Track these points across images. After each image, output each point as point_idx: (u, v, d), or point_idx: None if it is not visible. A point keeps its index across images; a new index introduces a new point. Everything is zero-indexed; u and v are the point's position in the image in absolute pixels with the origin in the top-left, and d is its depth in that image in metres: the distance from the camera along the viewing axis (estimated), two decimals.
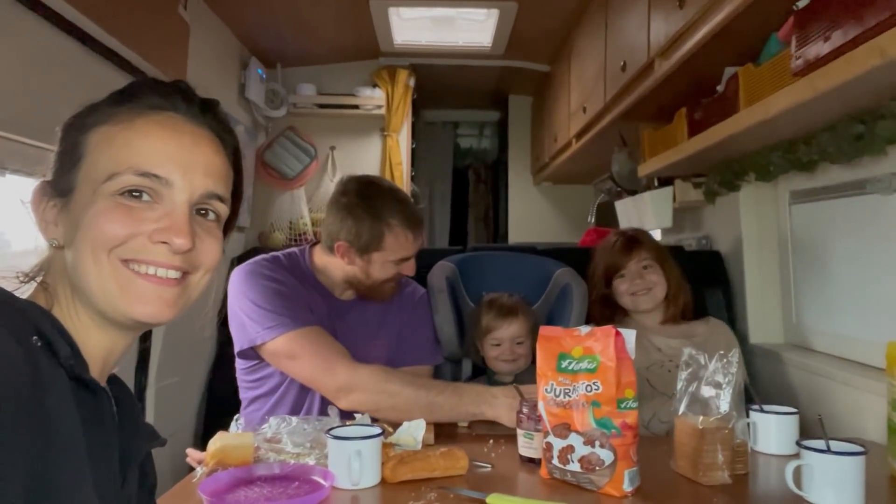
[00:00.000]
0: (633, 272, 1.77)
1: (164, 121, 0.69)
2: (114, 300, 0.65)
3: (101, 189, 0.65)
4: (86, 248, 0.64)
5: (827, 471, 1.04)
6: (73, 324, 0.66)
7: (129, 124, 0.67)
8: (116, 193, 0.65)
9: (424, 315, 1.74)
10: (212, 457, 1.16)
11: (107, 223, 0.64)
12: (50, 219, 0.68)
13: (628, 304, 1.79)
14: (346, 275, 1.57)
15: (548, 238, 4.00)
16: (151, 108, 0.69)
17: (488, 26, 3.10)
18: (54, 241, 0.67)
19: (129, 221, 0.65)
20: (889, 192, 1.49)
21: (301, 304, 1.48)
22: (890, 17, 1.04)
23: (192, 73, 2.27)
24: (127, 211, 0.65)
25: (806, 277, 1.92)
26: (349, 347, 1.49)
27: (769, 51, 1.53)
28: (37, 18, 1.42)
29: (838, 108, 1.41)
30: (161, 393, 2.12)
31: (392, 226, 1.51)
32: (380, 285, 1.57)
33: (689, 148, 1.91)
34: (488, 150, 5.36)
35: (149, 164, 0.66)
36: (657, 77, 1.88)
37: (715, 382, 1.17)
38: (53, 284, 0.67)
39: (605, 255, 1.83)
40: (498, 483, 1.14)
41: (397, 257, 1.53)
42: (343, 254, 1.53)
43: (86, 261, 0.64)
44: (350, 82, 3.61)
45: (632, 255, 1.77)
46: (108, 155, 0.66)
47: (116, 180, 0.65)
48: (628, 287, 1.77)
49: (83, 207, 0.65)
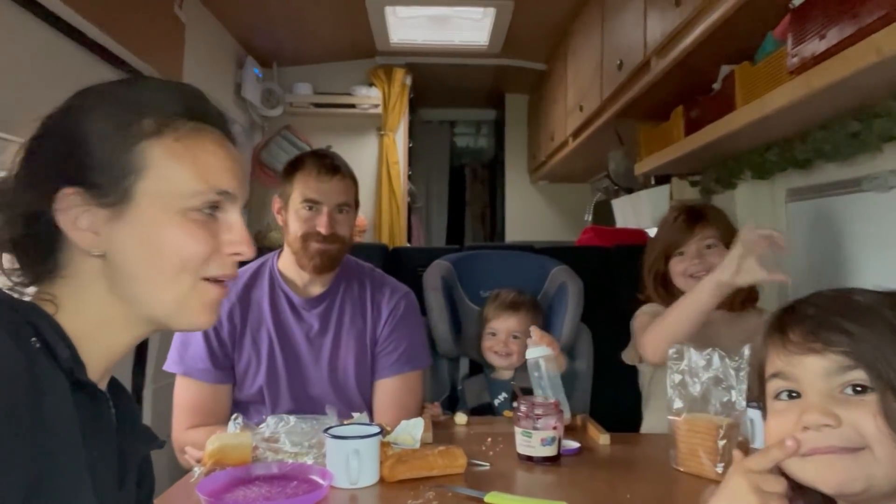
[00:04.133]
0: (693, 251, 1.59)
1: (216, 138, 0.71)
2: (184, 311, 0.67)
3: (173, 205, 0.66)
4: (161, 266, 0.65)
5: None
6: (80, 327, 0.65)
7: (194, 141, 0.68)
8: (192, 210, 0.66)
9: (407, 315, 1.62)
10: (210, 457, 1.16)
11: (192, 243, 0.66)
12: (85, 226, 0.64)
13: (684, 286, 1.58)
14: (288, 247, 1.56)
15: (545, 237, 4.01)
16: (202, 121, 0.69)
17: (485, 25, 3.10)
18: (96, 250, 0.64)
19: (208, 239, 0.67)
20: (885, 190, 1.49)
21: (209, 349, 1.50)
22: (886, 15, 1.04)
23: (188, 72, 2.27)
24: (205, 228, 0.67)
25: (803, 275, 1.93)
26: (309, 343, 1.53)
27: (765, 49, 1.54)
28: (32, 18, 1.42)
29: (834, 106, 1.42)
30: (158, 394, 2.12)
31: (303, 165, 1.54)
32: (302, 244, 1.50)
33: (685, 146, 1.91)
34: (485, 148, 5.36)
35: (223, 183, 0.68)
36: (654, 75, 1.88)
37: (728, 384, 1.18)
38: (61, 287, 0.66)
39: (666, 231, 1.66)
40: (496, 481, 1.14)
41: (303, 198, 1.50)
42: (279, 210, 1.57)
43: (161, 278, 0.65)
44: (346, 81, 3.61)
45: (694, 232, 1.59)
46: (181, 172, 0.66)
47: (197, 198, 0.66)
48: (686, 267, 1.58)
49: (149, 223, 0.65)
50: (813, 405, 0.67)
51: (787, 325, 0.72)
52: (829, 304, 0.71)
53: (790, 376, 0.70)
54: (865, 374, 0.66)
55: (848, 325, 0.68)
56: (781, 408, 0.71)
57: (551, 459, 1.24)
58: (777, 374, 0.72)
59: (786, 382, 0.71)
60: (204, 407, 1.49)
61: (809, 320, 0.70)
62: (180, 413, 1.49)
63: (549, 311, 1.87)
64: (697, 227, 1.61)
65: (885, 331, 0.67)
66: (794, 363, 0.70)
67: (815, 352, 0.68)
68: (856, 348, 0.67)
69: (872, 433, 0.65)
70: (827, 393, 0.68)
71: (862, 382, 0.67)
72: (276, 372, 1.52)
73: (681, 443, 1.20)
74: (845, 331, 0.67)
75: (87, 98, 0.67)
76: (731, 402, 1.18)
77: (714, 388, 1.20)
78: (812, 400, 0.68)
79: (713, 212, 1.67)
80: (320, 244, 1.49)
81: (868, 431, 0.65)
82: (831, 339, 0.68)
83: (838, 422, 0.66)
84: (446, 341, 1.80)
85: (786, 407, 0.71)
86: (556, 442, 1.25)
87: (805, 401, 0.69)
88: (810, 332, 0.69)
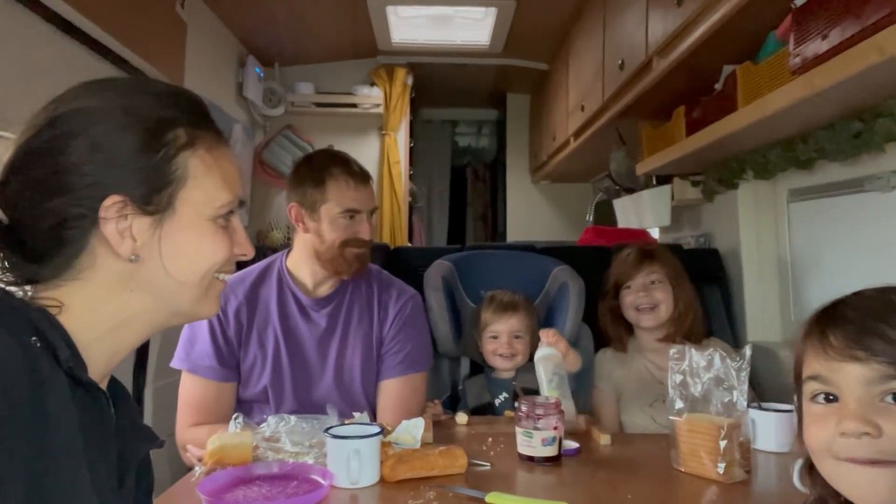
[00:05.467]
0: (639, 285, 1.74)
1: (227, 147, 0.76)
2: (201, 303, 0.73)
3: (206, 213, 0.71)
4: (195, 268, 0.71)
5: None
6: (84, 327, 0.65)
7: (219, 152, 0.73)
8: (219, 217, 0.72)
9: (413, 316, 1.63)
10: (210, 456, 1.16)
11: (222, 248, 0.73)
12: (130, 234, 0.66)
13: (632, 317, 1.76)
14: (308, 252, 1.54)
15: (546, 237, 4.00)
16: (209, 131, 0.73)
17: (486, 25, 3.10)
18: (132, 256, 0.67)
19: (228, 245, 0.74)
20: (887, 190, 1.49)
21: (215, 347, 1.50)
22: (888, 15, 1.04)
23: (190, 71, 2.27)
24: (225, 233, 0.74)
25: (804, 275, 1.92)
26: (316, 343, 1.53)
27: (767, 49, 1.53)
28: (34, 16, 1.42)
29: (836, 106, 1.42)
30: (158, 393, 2.12)
31: (333, 174, 1.51)
32: (340, 251, 1.51)
33: (687, 146, 1.91)
34: (486, 148, 5.36)
35: (240, 190, 0.76)
36: (655, 75, 1.88)
37: (729, 384, 1.18)
38: (74, 289, 0.65)
39: (618, 266, 1.81)
40: (497, 481, 1.14)
41: (343, 208, 1.50)
42: (297, 218, 1.54)
43: (192, 278, 0.71)
44: (348, 81, 3.61)
45: (642, 268, 1.75)
46: (214, 183, 0.72)
47: (226, 207, 0.73)
48: (633, 300, 1.74)
49: (186, 229, 0.70)
50: (852, 413, 0.65)
51: (828, 327, 0.69)
52: (873, 307, 0.68)
53: (829, 381, 0.68)
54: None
55: (892, 333, 0.65)
56: (819, 412, 0.69)
57: (552, 459, 1.24)
58: (815, 377, 0.69)
59: (824, 386, 0.69)
60: (208, 405, 1.49)
61: (851, 325, 0.68)
62: (184, 410, 1.49)
63: (551, 311, 1.87)
64: (645, 264, 1.76)
65: None
66: (835, 369, 0.67)
67: (858, 360, 0.66)
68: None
69: None
70: (867, 401, 0.65)
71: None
72: (281, 371, 1.52)
73: (682, 443, 1.20)
74: (889, 339, 0.65)
75: (106, 99, 0.67)
76: (733, 402, 1.18)
77: (715, 388, 1.20)
78: (851, 407, 0.66)
79: (662, 251, 1.83)
80: (360, 249, 1.53)
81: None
82: (874, 348, 0.65)
83: (879, 431, 0.63)
84: (447, 341, 1.79)
85: (824, 412, 0.68)
86: (557, 442, 1.25)
87: (843, 407, 0.67)
88: (853, 339, 0.66)
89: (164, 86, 0.74)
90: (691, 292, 1.78)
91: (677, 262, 1.81)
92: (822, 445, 0.67)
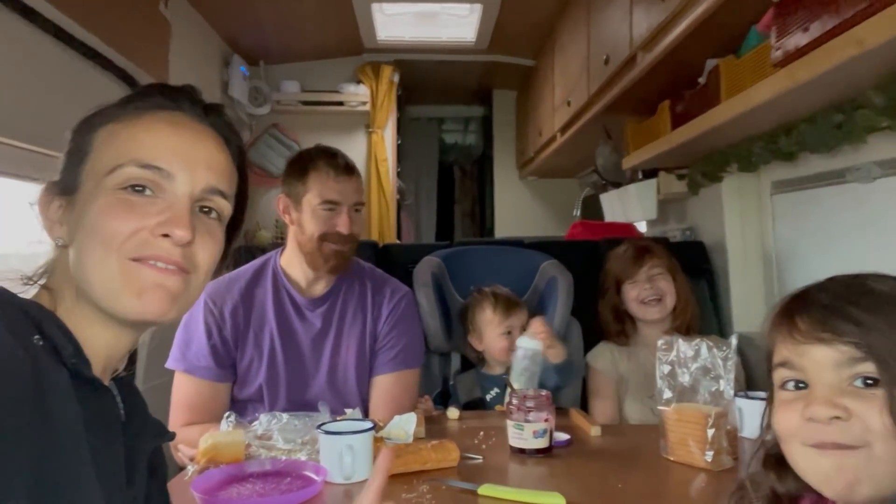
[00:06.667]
0: (643, 278, 1.76)
1: (169, 117, 0.69)
2: (117, 295, 0.64)
3: (103, 183, 0.65)
4: (91, 246, 0.64)
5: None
6: (76, 322, 0.65)
7: (135, 121, 0.68)
8: (119, 188, 0.65)
9: (407, 314, 1.65)
10: (203, 454, 1.16)
11: (112, 220, 0.64)
12: (55, 218, 0.67)
13: (637, 311, 1.76)
14: (296, 247, 1.54)
15: (534, 232, 4.01)
16: (158, 107, 0.70)
17: (471, 21, 3.10)
18: (59, 240, 0.67)
19: (132, 217, 0.64)
20: (868, 181, 1.51)
21: (212, 347, 1.49)
22: (867, 8, 1.06)
23: (174, 71, 2.25)
24: (130, 206, 0.64)
25: (789, 266, 1.95)
26: (311, 342, 1.53)
27: (749, 43, 1.55)
28: (14, 16, 1.40)
29: (818, 98, 1.44)
30: (148, 394, 2.11)
31: (317, 165, 1.52)
32: (318, 245, 1.50)
33: (672, 140, 1.93)
34: (473, 145, 5.36)
35: (151, 157, 0.66)
36: (640, 70, 1.89)
37: (716, 373, 1.20)
38: (59, 284, 0.66)
39: (616, 263, 1.82)
40: (489, 474, 1.15)
41: (322, 198, 1.49)
42: (284, 209, 1.54)
43: (91, 258, 0.64)
44: (334, 79, 3.60)
45: (643, 263, 1.77)
46: (112, 149, 0.66)
47: (118, 173, 0.65)
48: (638, 293, 1.75)
49: (86, 203, 0.65)
50: (819, 398, 0.64)
51: (796, 311, 0.68)
52: (841, 291, 0.66)
53: (797, 366, 0.66)
54: (875, 366, 0.62)
55: (859, 314, 0.63)
56: (788, 398, 0.68)
57: (543, 451, 1.25)
58: (784, 364, 0.68)
59: (792, 372, 0.67)
60: (202, 405, 1.48)
61: (819, 308, 0.66)
62: (177, 410, 1.49)
63: (540, 305, 1.88)
64: (646, 258, 1.78)
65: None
66: (802, 353, 0.66)
67: (824, 342, 0.64)
68: (866, 339, 0.62)
69: (878, 429, 0.61)
70: (835, 385, 0.64)
71: (872, 375, 0.62)
72: (277, 371, 1.52)
73: (670, 432, 1.22)
74: (856, 320, 0.63)
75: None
76: (720, 391, 1.20)
77: (703, 377, 1.22)
78: (819, 392, 0.64)
79: (657, 247, 1.85)
80: (337, 245, 1.51)
81: (874, 427, 0.61)
82: (841, 329, 0.63)
83: (848, 414, 0.62)
84: (437, 337, 1.80)
85: (793, 398, 0.67)
86: (548, 434, 1.26)
87: (811, 392, 0.65)
88: (819, 321, 0.65)
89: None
90: (688, 285, 1.81)
91: (672, 255, 1.83)
92: (790, 430, 0.66)
